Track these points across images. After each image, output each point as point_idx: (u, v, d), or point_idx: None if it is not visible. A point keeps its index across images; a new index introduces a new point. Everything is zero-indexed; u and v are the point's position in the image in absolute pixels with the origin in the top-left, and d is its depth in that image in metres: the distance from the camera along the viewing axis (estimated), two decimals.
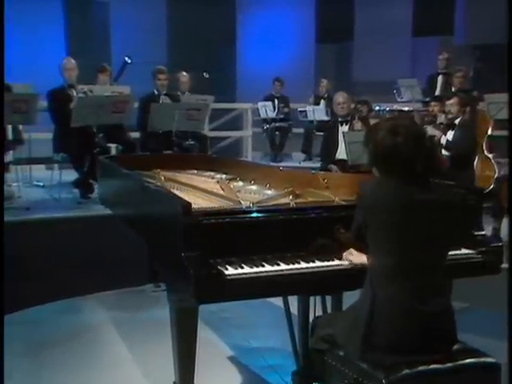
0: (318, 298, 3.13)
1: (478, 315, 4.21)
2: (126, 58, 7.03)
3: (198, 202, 3.23)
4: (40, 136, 6.71)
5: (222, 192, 3.49)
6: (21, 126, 6.90)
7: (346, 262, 2.59)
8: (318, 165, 6.72)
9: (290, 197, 3.37)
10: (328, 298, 3.16)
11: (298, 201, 3.23)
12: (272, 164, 9.09)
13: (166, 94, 6.68)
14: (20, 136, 6.82)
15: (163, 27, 11.42)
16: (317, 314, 2.98)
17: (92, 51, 10.19)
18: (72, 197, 5.79)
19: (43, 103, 6.20)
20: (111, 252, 4.78)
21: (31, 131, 6.89)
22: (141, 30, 10.83)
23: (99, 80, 7.10)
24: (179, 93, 7.45)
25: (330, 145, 6.16)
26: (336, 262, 2.64)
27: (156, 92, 6.66)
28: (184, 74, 7.57)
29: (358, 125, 6.16)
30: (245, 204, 3.00)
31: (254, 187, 3.74)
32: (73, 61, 6.04)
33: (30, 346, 3.76)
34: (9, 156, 5.96)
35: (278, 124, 9.40)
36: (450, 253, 2.82)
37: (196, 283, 2.45)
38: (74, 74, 5.98)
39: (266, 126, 9.45)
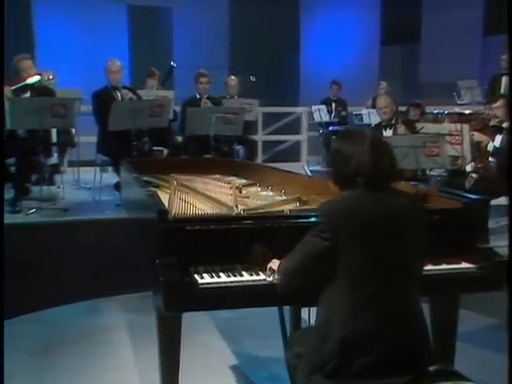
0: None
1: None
2: (172, 63, 7.11)
3: (201, 207, 3.20)
4: (90, 139, 6.88)
5: (228, 198, 3.45)
6: (73, 130, 7.15)
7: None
8: None
9: (297, 203, 3.31)
10: None
11: (296, 208, 3.16)
12: (325, 169, 8.98)
13: (208, 98, 6.69)
14: (72, 139, 7.07)
15: (225, 32, 11.48)
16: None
17: (155, 56, 10.41)
18: (112, 199, 5.89)
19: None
20: (139, 254, 4.81)
21: (81, 134, 7.12)
22: (203, 34, 10.94)
23: (148, 84, 7.22)
24: (227, 96, 7.46)
25: None
26: None
27: (198, 96, 6.69)
28: (232, 77, 7.57)
29: (401, 129, 5.95)
30: (236, 211, 2.95)
31: (266, 193, 3.69)
32: (118, 63, 6.11)
33: (40, 345, 3.86)
34: (53, 159, 6.14)
35: (333, 128, 9.24)
36: (448, 267, 2.69)
37: (165, 291, 2.42)
38: (119, 77, 6.06)
39: (321, 130, 9.32)
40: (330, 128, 9.24)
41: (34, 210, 5.25)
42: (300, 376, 2.23)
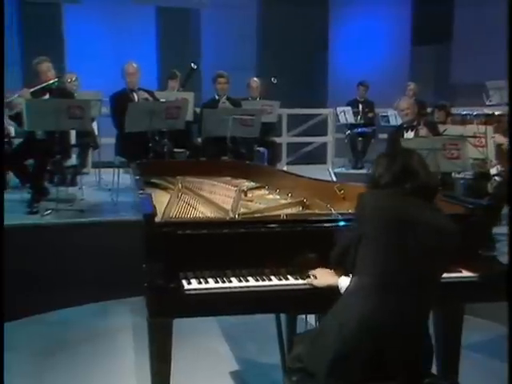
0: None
1: None
2: (192, 64, 7.08)
3: (203, 210, 3.15)
4: (113, 141, 6.90)
5: (230, 201, 3.39)
6: (96, 131, 7.20)
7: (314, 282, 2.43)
8: None
9: (300, 207, 3.26)
10: None
11: (298, 212, 3.10)
12: (352, 171, 8.86)
13: (227, 98, 6.66)
14: (94, 140, 7.12)
15: (253, 33, 11.42)
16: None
17: (183, 58, 10.40)
18: (129, 200, 5.87)
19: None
20: None
21: (103, 136, 7.16)
22: (231, 36, 10.91)
23: (169, 86, 7.23)
24: (250, 98, 7.42)
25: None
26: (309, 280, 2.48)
27: (216, 96, 6.67)
28: (255, 79, 7.53)
29: (423, 131, 5.79)
30: (231, 215, 2.90)
31: (273, 196, 3.64)
32: (135, 65, 6.13)
33: (46, 346, 3.88)
34: (72, 160, 6.18)
35: (360, 129, 9.11)
36: (448, 275, 2.58)
37: (149, 297, 2.39)
38: (135, 79, 6.09)
39: (347, 132, 9.20)
40: (358, 130, 9.11)
41: (49, 212, 5.28)
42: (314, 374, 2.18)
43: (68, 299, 4.55)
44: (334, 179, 7.63)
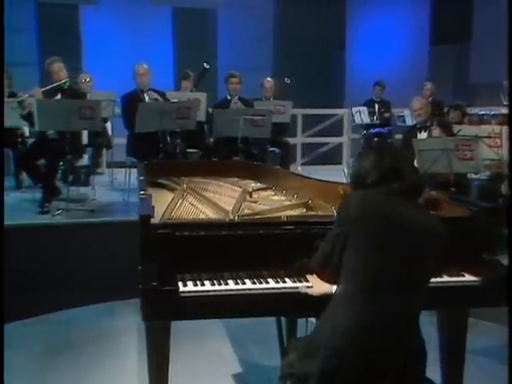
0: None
1: None
2: (205, 64, 7.05)
3: (206, 212, 3.13)
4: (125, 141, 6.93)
5: (233, 202, 3.37)
6: (110, 132, 7.23)
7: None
8: None
9: (304, 209, 3.22)
10: None
11: (301, 213, 3.07)
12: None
13: (239, 99, 6.63)
14: (108, 141, 7.15)
15: (270, 33, 11.38)
16: None
17: (199, 58, 10.37)
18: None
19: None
20: None
21: (117, 136, 7.18)
22: (248, 36, 10.88)
23: (182, 86, 7.23)
24: (263, 98, 7.40)
25: None
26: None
27: (228, 97, 6.65)
28: (268, 79, 7.50)
29: (436, 131, 5.71)
30: (230, 217, 2.87)
31: (278, 197, 3.61)
32: (145, 66, 6.16)
33: (50, 346, 3.89)
34: (83, 160, 6.20)
35: (376, 130, 9.03)
36: (450, 279, 2.54)
37: (143, 298, 2.38)
38: (145, 79, 6.11)
39: (363, 132, 9.12)
40: (375, 130, 9.02)
41: (60, 211, 5.30)
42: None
43: (75, 299, 4.55)
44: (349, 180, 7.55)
